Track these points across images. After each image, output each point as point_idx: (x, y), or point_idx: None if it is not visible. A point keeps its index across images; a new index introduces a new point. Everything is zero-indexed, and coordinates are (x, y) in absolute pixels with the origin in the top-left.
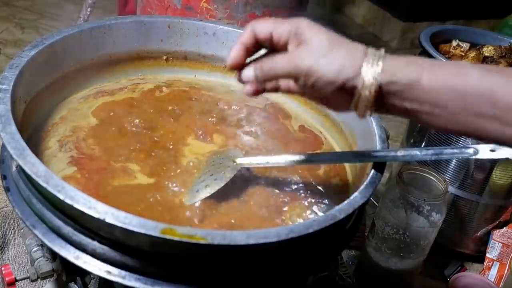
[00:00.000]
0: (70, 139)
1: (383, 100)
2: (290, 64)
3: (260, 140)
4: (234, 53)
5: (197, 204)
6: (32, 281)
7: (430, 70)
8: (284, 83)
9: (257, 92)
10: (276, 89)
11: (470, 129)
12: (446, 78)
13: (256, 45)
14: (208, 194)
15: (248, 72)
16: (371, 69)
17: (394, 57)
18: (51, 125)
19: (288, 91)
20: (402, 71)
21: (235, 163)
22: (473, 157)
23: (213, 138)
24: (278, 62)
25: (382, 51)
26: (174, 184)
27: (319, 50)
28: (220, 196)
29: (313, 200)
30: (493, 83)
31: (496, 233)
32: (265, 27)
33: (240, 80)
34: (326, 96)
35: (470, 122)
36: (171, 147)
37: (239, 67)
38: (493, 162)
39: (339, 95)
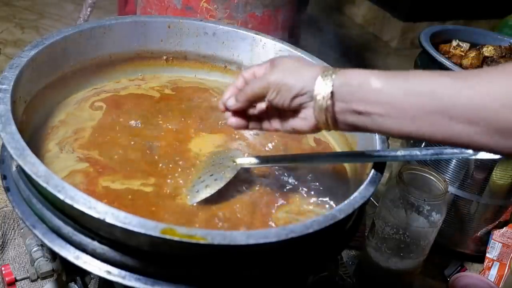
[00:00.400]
0: (70, 141)
1: (339, 108)
2: (263, 80)
3: (259, 140)
4: (227, 94)
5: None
6: (32, 281)
7: (379, 74)
8: (260, 105)
9: (240, 124)
10: (256, 118)
11: (420, 130)
12: (394, 79)
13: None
14: (208, 195)
15: (231, 99)
16: (325, 78)
17: (348, 69)
18: (51, 128)
19: (264, 116)
20: (352, 75)
21: (235, 163)
22: (473, 157)
23: (213, 138)
24: (254, 82)
25: (333, 71)
26: (180, 183)
27: (288, 69)
28: (219, 195)
29: (313, 200)
30: (437, 83)
31: (496, 233)
32: (250, 70)
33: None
34: (290, 110)
35: (419, 122)
36: (173, 147)
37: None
38: (493, 162)
39: (300, 107)
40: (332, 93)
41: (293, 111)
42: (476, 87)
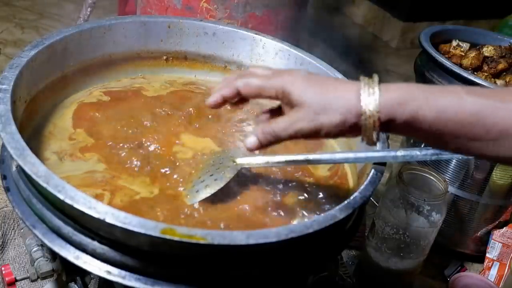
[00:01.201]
0: (69, 148)
1: (386, 129)
2: (294, 127)
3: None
4: (212, 100)
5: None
6: (32, 281)
7: (425, 105)
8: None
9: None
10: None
11: (476, 153)
12: (441, 109)
13: (238, 97)
14: (208, 195)
15: (251, 139)
16: (369, 106)
17: (387, 89)
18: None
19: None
20: (397, 110)
21: (235, 163)
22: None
23: (212, 138)
24: (280, 127)
25: (375, 85)
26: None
27: (315, 109)
28: (218, 195)
29: (312, 200)
30: (484, 108)
31: (496, 233)
32: (251, 88)
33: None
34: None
35: (473, 148)
36: (171, 147)
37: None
38: (493, 162)
39: (345, 134)
40: (379, 122)
41: None
42: None
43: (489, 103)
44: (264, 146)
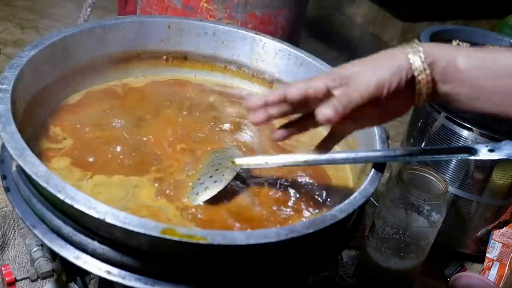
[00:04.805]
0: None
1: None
2: (362, 90)
3: (257, 140)
4: (254, 103)
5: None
6: (32, 281)
7: (465, 52)
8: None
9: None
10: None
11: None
12: (479, 58)
13: (281, 104)
14: (208, 197)
15: (327, 110)
16: (416, 57)
17: (430, 47)
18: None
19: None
20: (439, 53)
21: (234, 164)
22: (472, 157)
23: (211, 137)
24: (351, 94)
25: (418, 44)
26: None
27: (372, 72)
28: (218, 195)
29: (312, 200)
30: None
31: (496, 233)
32: (298, 89)
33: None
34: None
35: (507, 103)
36: (169, 148)
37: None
38: (493, 162)
39: (402, 93)
40: (429, 73)
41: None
42: None
43: None
44: (340, 116)
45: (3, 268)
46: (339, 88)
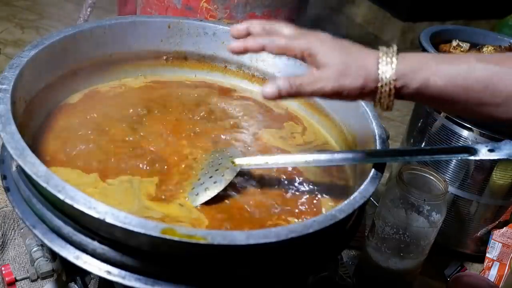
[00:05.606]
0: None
1: (399, 96)
2: (317, 85)
3: (256, 140)
4: (236, 47)
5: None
6: (32, 281)
7: (437, 72)
8: None
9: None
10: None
11: (482, 116)
12: (451, 77)
13: (260, 52)
14: (208, 198)
15: (270, 87)
16: (386, 74)
17: (404, 58)
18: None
19: None
20: (411, 77)
21: (233, 164)
22: (472, 157)
23: (211, 137)
24: (305, 81)
25: (393, 55)
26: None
27: (340, 72)
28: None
29: (312, 200)
30: (492, 74)
31: (496, 233)
32: (278, 47)
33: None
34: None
35: (479, 111)
36: (168, 147)
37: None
38: (493, 162)
39: (364, 98)
40: (394, 89)
41: None
42: None
43: (497, 70)
44: (281, 96)
45: (3, 268)
46: (310, 66)
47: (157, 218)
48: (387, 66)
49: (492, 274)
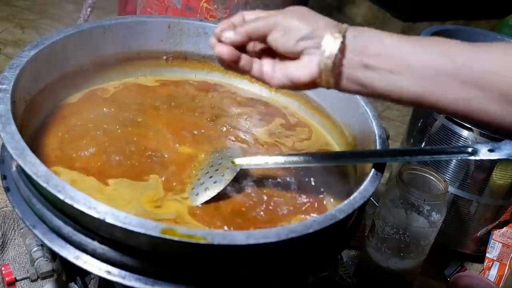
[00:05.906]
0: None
1: (348, 60)
2: (269, 19)
3: (257, 140)
4: (223, 26)
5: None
6: (32, 281)
7: (392, 33)
8: (255, 45)
9: (232, 54)
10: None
11: (427, 92)
12: (407, 38)
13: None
14: (208, 198)
15: (228, 31)
16: (338, 28)
17: (354, 36)
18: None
19: (255, 57)
20: (365, 30)
21: (233, 164)
22: (472, 157)
23: (211, 137)
24: (258, 19)
25: (340, 34)
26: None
27: (300, 13)
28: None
29: (312, 200)
30: (453, 45)
31: (496, 233)
32: (253, 11)
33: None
34: (292, 54)
35: (427, 83)
36: (168, 147)
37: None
38: (493, 162)
39: (304, 52)
40: (343, 43)
41: (293, 57)
42: (493, 54)
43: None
44: (236, 37)
45: (3, 268)
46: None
47: (168, 219)
48: (339, 30)
49: (492, 274)
